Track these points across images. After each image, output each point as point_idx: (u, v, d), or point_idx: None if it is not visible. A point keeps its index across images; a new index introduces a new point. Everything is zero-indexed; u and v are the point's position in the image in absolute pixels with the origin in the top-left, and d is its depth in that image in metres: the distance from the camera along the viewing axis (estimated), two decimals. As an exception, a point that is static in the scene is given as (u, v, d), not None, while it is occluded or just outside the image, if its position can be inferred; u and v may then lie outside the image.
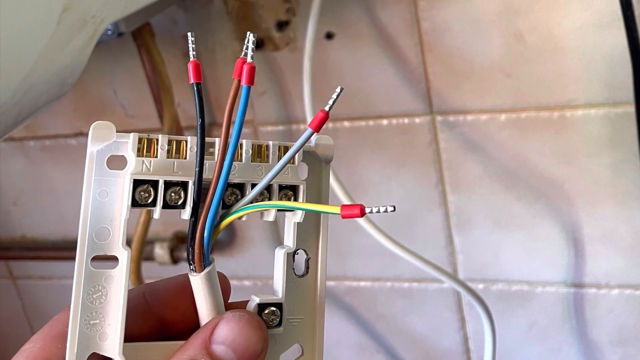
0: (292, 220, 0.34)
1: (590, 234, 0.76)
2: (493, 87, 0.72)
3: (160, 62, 0.75)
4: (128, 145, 0.31)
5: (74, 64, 0.49)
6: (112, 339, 0.31)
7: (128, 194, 0.31)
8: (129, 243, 0.57)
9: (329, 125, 0.79)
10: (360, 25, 0.74)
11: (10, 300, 1.07)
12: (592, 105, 0.70)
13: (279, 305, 0.34)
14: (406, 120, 0.77)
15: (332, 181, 0.68)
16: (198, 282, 0.32)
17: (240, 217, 0.32)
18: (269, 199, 0.33)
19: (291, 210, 0.34)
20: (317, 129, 0.30)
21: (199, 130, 0.31)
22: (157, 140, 0.32)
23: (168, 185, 0.31)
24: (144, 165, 0.31)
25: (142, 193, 0.31)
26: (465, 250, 0.81)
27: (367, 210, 0.30)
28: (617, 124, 0.70)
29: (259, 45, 0.77)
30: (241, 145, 0.33)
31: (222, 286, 0.33)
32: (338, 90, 0.31)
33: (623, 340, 0.79)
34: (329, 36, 0.75)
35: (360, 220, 0.67)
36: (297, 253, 0.35)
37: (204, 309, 0.32)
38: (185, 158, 0.32)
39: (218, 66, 0.80)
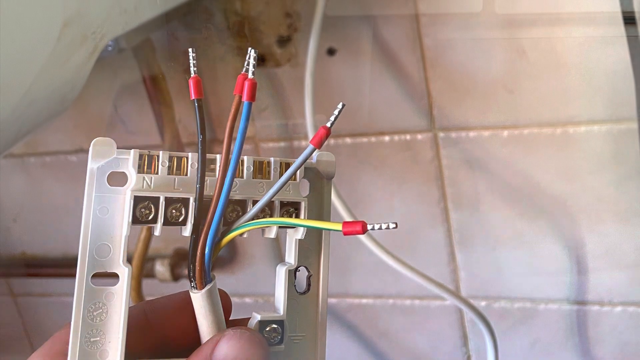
0: (293, 237, 0.34)
1: (593, 251, 0.75)
2: (495, 103, 0.72)
3: (161, 78, 0.75)
4: (129, 161, 0.31)
5: (74, 79, 0.49)
6: (112, 357, 0.31)
7: (129, 210, 0.31)
8: (129, 260, 0.57)
9: (330, 141, 0.79)
10: (362, 41, 0.74)
11: (10, 317, 1.06)
12: (594, 121, 0.70)
13: (280, 323, 0.33)
14: (408, 137, 0.76)
15: (334, 198, 0.68)
16: (199, 299, 0.32)
17: (241, 234, 0.32)
18: (271, 216, 0.33)
19: (293, 227, 0.34)
20: (319, 145, 0.30)
21: (199, 147, 0.31)
22: (158, 156, 0.31)
23: (169, 202, 0.31)
24: (145, 181, 0.31)
25: (142, 210, 0.31)
26: (467, 267, 0.80)
27: (369, 227, 0.30)
28: (620, 140, 0.69)
29: (260, 61, 0.77)
30: (242, 161, 0.33)
31: (223, 303, 0.33)
32: (340, 106, 0.30)
33: (626, 357, 0.79)
34: (331, 52, 0.75)
35: (362, 237, 0.67)
36: (299, 270, 0.34)
37: (205, 326, 0.32)
38: (186, 174, 0.32)
39: (219, 82, 0.80)
